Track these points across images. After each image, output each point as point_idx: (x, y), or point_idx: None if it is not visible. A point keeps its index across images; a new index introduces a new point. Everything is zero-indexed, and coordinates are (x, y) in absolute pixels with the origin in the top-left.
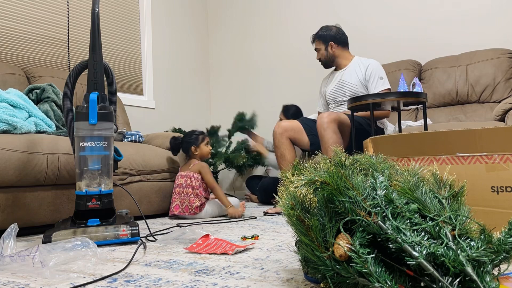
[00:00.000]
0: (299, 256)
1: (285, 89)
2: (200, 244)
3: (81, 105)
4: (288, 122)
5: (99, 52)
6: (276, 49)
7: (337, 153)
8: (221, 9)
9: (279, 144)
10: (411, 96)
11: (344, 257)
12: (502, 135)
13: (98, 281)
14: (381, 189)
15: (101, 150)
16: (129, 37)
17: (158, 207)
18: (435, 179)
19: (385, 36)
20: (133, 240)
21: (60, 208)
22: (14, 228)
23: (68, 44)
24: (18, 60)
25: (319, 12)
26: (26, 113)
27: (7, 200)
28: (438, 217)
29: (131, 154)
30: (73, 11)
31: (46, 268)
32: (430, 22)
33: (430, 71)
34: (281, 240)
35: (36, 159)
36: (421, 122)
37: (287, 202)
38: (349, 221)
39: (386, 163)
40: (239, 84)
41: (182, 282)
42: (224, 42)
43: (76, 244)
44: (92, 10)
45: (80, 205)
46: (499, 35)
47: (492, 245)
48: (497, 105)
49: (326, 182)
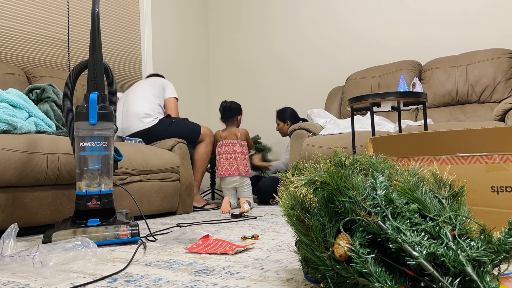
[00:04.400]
0: (299, 256)
1: (285, 89)
2: (200, 245)
3: (81, 105)
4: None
5: (99, 52)
6: (276, 50)
7: (337, 153)
8: (221, 9)
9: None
10: (411, 96)
11: (344, 257)
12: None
13: (98, 281)
14: (381, 189)
15: (101, 150)
16: (129, 37)
17: (158, 207)
18: (435, 179)
19: (385, 36)
20: (133, 240)
21: (60, 208)
22: (14, 228)
23: (68, 44)
24: (18, 60)
25: (318, 13)
26: (26, 113)
27: (7, 200)
28: (438, 217)
29: (131, 154)
30: (73, 11)
31: (46, 268)
32: (430, 22)
33: (430, 71)
34: (281, 240)
35: (36, 159)
36: (421, 122)
37: (287, 202)
38: (349, 221)
39: (386, 163)
40: (239, 84)
41: (182, 282)
42: (224, 42)
43: (76, 244)
44: (92, 10)
45: (80, 205)
46: (499, 35)
47: (492, 245)
48: (497, 105)
49: (326, 182)
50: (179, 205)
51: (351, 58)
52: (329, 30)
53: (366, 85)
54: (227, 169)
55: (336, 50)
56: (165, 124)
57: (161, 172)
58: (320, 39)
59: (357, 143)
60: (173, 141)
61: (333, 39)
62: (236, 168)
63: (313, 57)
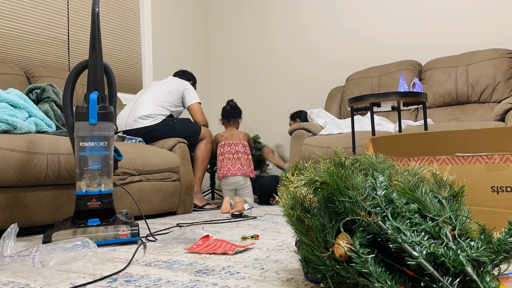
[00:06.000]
0: (299, 256)
1: (285, 89)
2: (200, 245)
3: (81, 105)
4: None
5: (99, 52)
6: (276, 50)
7: (337, 153)
8: (221, 10)
9: None
10: (411, 96)
11: (344, 257)
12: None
13: (98, 281)
14: (381, 189)
15: (101, 150)
16: (129, 37)
17: (158, 207)
18: (435, 179)
19: (385, 36)
20: (133, 240)
21: (60, 208)
22: (14, 228)
23: (68, 44)
24: (18, 60)
25: (319, 13)
26: (26, 113)
27: (7, 200)
28: (438, 217)
29: (131, 154)
30: (73, 11)
31: (46, 268)
32: (430, 22)
33: (430, 71)
34: (281, 240)
35: (36, 159)
36: (421, 122)
37: (287, 202)
38: (349, 221)
39: (386, 163)
40: (239, 84)
41: (182, 282)
42: (224, 42)
43: (76, 244)
44: (92, 10)
45: (80, 205)
46: (499, 35)
47: (492, 245)
48: (497, 105)
49: (326, 182)
50: (179, 205)
51: (351, 58)
52: (329, 30)
53: (366, 85)
54: (229, 168)
55: (336, 50)
56: (168, 124)
57: (161, 172)
58: (320, 39)
59: (357, 143)
60: (173, 141)
61: (333, 39)
62: (239, 168)
63: (313, 57)
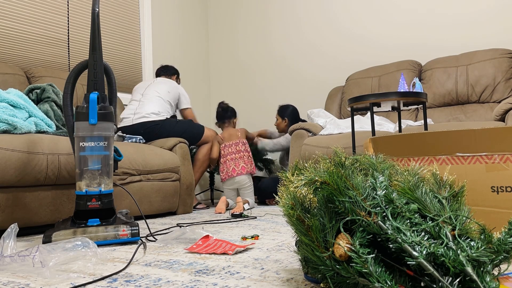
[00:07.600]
0: (299, 256)
1: (285, 89)
2: (200, 245)
3: (81, 105)
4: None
5: (99, 52)
6: (276, 50)
7: (337, 153)
8: (221, 10)
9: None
10: (411, 96)
11: (344, 257)
12: (502, 135)
13: (98, 281)
14: (381, 189)
15: (101, 150)
16: (129, 37)
17: (158, 207)
18: (435, 179)
19: (385, 37)
20: (133, 240)
21: (60, 208)
22: (14, 228)
23: (68, 44)
24: (18, 60)
25: (318, 13)
26: (26, 113)
27: (7, 200)
28: (438, 217)
29: (131, 154)
30: (73, 11)
31: (46, 268)
32: (430, 22)
33: (430, 71)
34: (281, 240)
35: (36, 159)
36: (421, 122)
37: (287, 202)
38: (349, 221)
39: (386, 163)
40: (239, 84)
41: (182, 282)
42: (224, 42)
43: (76, 244)
44: (92, 10)
45: (80, 205)
46: (499, 35)
47: (492, 245)
48: (497, 105)
49: (326, 182)
50: (179, 205)
51: (351, 58)
52: (329, 30)
53: (366, 85)
54: (234, 169)
55: (336, 50)
56: (171, 124)
57: (161, 172)
58: (320, 39)
59: (357, 143)
60: (173, 141)
61: (333, 39)
62: (243, 167)
63: (313, 57)
